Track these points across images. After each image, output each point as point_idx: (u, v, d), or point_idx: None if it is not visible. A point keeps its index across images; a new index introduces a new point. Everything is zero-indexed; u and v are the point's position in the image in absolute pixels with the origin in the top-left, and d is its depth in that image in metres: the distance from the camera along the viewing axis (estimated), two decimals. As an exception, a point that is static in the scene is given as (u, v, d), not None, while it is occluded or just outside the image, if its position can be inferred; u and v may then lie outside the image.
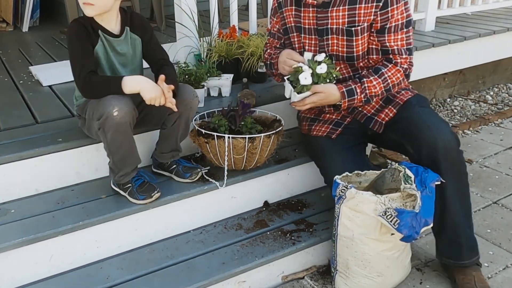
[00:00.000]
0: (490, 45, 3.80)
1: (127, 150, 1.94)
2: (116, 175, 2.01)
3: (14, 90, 2.80)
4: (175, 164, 2.19)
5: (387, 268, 1.94)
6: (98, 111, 1.83)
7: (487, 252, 2.25)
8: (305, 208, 2.34)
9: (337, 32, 2.05)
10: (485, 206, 2.62)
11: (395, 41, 2.02)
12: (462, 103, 4.18)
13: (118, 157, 1.95)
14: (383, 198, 1.81)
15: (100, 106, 1.82)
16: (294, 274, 2.13)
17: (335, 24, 2.04)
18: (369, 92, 2.01)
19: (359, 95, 2.01)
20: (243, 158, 2.09)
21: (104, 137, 1.88)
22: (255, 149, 2.06)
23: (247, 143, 2.03)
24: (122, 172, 1.99)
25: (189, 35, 2.77)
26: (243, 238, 2.11)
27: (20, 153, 2.02)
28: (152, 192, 2.00)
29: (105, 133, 1.86)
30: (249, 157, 2.10)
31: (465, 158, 1.99)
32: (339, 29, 2.04)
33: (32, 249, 1.86)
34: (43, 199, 2.07)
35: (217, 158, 2.12)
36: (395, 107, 2.11)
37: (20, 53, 3.74)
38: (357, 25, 2.01)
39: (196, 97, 2.05)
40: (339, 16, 2.03)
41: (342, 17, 2.02)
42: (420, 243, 2.25)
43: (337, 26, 2.04)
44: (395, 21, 2.00)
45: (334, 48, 2.08)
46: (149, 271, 1.93)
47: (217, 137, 2.06)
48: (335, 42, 2.07)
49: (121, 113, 1.80)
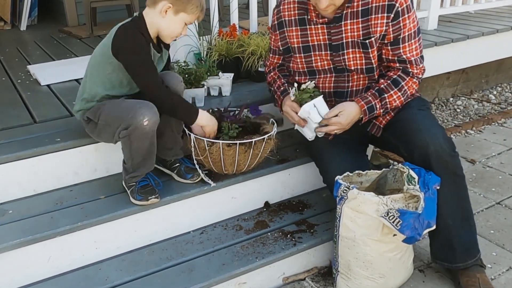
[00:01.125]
0: (494, 44, 3.80)
1: (149, 155, 1.97)
2: (128, 174, 2.01)
3: (12, 90, 2.80)
4: (178, 163, 2.19)
5: (389, 269, 1.94)
6: (125, 120, 1.85)
7: (491, 253, 2.25)
8: (306, 208, 2.34)
9: (353, 45, 2.03)
10: (488, 206, 2.62)
11: (410, 52, 2.03)
12: (465, 103, 4.18)
13: (137, 161, 1.97)
14: (385, 199, 1.81)
15: (127, 115, 1.84)
16: (295, 276, 2.13)
17: (351, 38, 2.02)
18: (390, 105, 2.03)
19: (379, 110, 2.03)
20: (220, 163, 2.08)
21: (128, 144, 1.90)
22: (212, 153, 2.04)
23: (221, 148, 2.01)
24: (136, 173, 2.00)
25: (189, 34, 2.77)
26: (243, 239, 2.11)
27: (18, 153, 2.02)
28: (150, 196, 2.00)
29: (131, 141, 1.88)
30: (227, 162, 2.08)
31: (468, 158, 1.99)
32: (355, 42, 2.02)
33: (30, 250, 1.86)
34: (41, 199, 2.07)
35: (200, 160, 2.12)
36: (393, 110, 2.12)
37: (18, 52, 3.74)
38: (371, 36, 2.00)
39: (181, 82, 2.10)
40: (354, 29, 2.01)
41: (357, 30, 2.01)
42: (423, 244, 2.25)
43: (353, 39, 2.02)
44: (408, 31, 2.00)
45: (351, 63, 2.06)
46: (148, 272, 1.93)
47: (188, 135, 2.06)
48: (352, 56, 2.05)
49: (150, 123, 1.85)
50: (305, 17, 2.07)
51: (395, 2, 1.95)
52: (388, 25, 1.98)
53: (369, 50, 2.02)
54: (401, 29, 1.99)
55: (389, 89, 2.03)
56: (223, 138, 2.05)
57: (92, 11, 4.24)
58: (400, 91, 2.03)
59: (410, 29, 2.00)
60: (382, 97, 2.02)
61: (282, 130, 2.57)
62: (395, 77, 2.05)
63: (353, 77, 2.10)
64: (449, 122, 3.79)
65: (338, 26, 2.02)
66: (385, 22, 1.98)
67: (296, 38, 2.12)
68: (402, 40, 2.00)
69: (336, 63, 2.09)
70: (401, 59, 2.04)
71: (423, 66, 2.09)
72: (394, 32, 1.99)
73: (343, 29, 2.02)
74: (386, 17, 1.97)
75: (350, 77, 2.10)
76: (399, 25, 1.98)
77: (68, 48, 3.79)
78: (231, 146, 2.01)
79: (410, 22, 1.99)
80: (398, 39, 2.00)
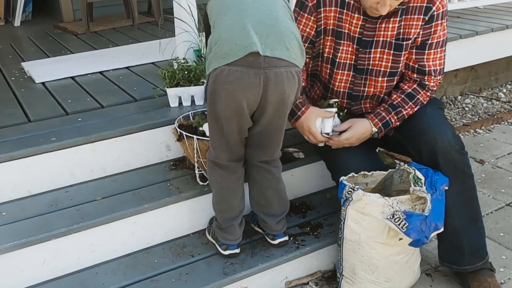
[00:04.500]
0: (503, 40, 3.79)
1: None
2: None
3: (6, 87, 2.80)
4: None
5: (395, 273, 1.94)
6: None
7: (500, 256, 2.24)
8: (309, 210, 2.34)
9: (383, 45, 2.00)
10: (497, 208, 2.62)
11: (433, 60, 2.02)
12: (473, 101, 4.18)
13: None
14: (391, 201, 1.80)
15: None
16: (298, 280, 2.13)
17: (383, 37, 1.99)
18: (405, 117, 2.06)
19: (394, 123, 2.06)
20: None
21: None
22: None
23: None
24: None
25: (188, 30, 2.77)
26: (245, 241, 2.11)
27: (12, 153, 2.02)
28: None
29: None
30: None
31: (477, 158, 1.99)
32: (386, 42, 2.00)
33: (24, 253, 1.86)
34: (35, 201, 2.07)
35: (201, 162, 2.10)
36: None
37: (11, 48, 3.74)
38: (404, 37, 1.98)
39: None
40: (389, 28, 1.98)
41: (391, 29, 1.98)
42: (430, 247, 2.24)
43: (385, 39, 1.99)
44: (437, 38, 1.99)
45: (376, 63, 2.04)
46: (146, 276, 1.93)
47: (186, 137, 2.05)
48: (378, 56, 2.03)
49: None
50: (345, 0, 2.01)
51: (433, 5, 1.94)
52: (421, 28, 1.96)
53: (402, 52, 2.00)
54: (430, 34, 1.98)
55: (404, 104, 2.05)
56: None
57: (88, 6, 4.24)
58: (415, 105, 2.06)
59: (440, 36, 1.99)
60: (397, 111, 2.04)
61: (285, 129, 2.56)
62: (410, 91, 2.06)
63: (371, 82, 2.08)
64: (457, 121, 3.79)
65: (374, 23, 1.99)
66: (420, 24, 1.96)
67: (333, 20, 2.03)
68: (429, 46, 2.00)
69: (359, 61, 2.06)
70: (421, 69, 2.03)
71: (441, 78, 2.08)
72: (423, 36, 1.98)
73: (378, 27, 1.99)
74: (422, 19, 1.95)
75: (367, 81, 2.09)
76: (430, 30, 1.97)
77: (64, 45, 3.79)
78: None
79: (441, 30, 1.98)
80: (425, 44, 1.99)
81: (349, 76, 2.10)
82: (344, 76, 2.11)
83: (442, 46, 2.03)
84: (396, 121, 2.05)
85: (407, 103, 2.04)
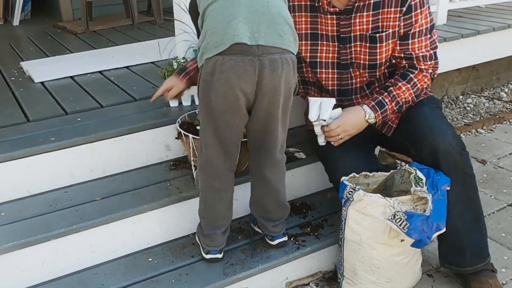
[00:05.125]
0: (505, 40, 3.79)
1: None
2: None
3: (5, 87, 2.80)
4: None
5: (396, 274, 1.94)
6: None
7: (502, 257, 2.24)
8: (310, 210, 2.34)
9: (360, 38, 2.03)
10: (499, 209, 2.61)
11: (419, 49, 2.03)
12: (475, 101, 4.17)
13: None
14: (392, 201, 1.81)
15: None
16: (299, 280, 2.13)
17: (359, 31, 2.02)
18: (400, 99, 2.02)
19: (390, 104, 2.02)
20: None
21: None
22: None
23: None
24: None
25: (188, 31, 2.77)
26: (245, 242, 2.11)
27: (11, 153, 2.02)
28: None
29: None
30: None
31: (478, 158, 1.99)
32: (362, 35, 2.02)
33: (23, 254, 1.86)
34: (35, 201, 2.07)
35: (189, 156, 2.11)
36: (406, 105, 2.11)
37: (10, 48, 3.74)
38: (381, 31, 2.00)
39: None
40: (363, 22, 2.01)
41: (366, 23, 2.01)
42: (431, 247, 2.24)
43: (361, 33, 2.02)
44: (419, 26, 2.00)
45: (357, 56, 2.06)
46: (146, 277, 1.93)
47: (184, 135, 2.07)
48: (358, 50, 2.05)
49: None
50: (315, 4, 2.06)
51: None
52: (400, 20, 1.98)
53: (377, 45, 2.02)
54: (412, 24, 1.99)
55: (397, 82, 2.04)
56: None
57: (87, 5, 4.24)
58: (408, 83, 2.03)
59: (422, 25, 2.00)
60: (389, 90, 2.02)
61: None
62: (402, 72, 2.06)
63: (356, 73, 2.10)
64: (459, 121, 3.79)
65: (348, 18, 2.02)
66: (398, 16, 1.97)
67: (305, 24, 2.10)
68: (412, 35, 2.01)
69: (342, 57, 2.08)
70: (408, 56, 2.04)
71: (435, 63, 2.08)
72: (404, 27, 1.99)
73: (352, 22, 2.02)
74: (399, 11, 1.97)
75: (352, 73, 2.11)
76: (410, 20, 1.98)
77: (63, 44, 3.79)
78: None
79: (423, 18, 1.99)
80: (408, 34, 2.01)
81: (334, 74, 2.13)
82: (330, 74, 2.13)
83: (427, 34, 2.03)
84: (391, 101, 2.01)
85: (399, 81, 2.03)
